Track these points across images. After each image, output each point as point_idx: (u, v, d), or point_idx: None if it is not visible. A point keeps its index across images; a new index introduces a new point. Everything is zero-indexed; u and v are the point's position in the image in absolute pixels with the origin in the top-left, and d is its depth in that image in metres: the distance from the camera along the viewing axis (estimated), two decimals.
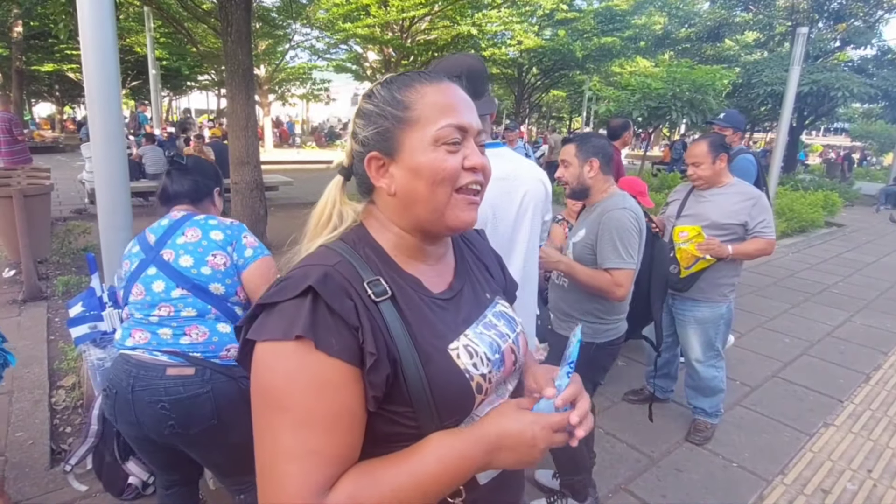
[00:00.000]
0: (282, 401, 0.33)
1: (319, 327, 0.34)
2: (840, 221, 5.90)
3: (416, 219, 0.40)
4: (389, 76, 0.42)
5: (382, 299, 0.37)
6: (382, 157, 0.40)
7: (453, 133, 0.38)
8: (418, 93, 0.39)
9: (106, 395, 0.82)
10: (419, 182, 0.39)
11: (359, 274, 0.37)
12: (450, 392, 0.37)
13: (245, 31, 3.01)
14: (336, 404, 0.34)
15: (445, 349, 0.38)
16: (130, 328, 0.83)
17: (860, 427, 1.68)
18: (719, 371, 1.54)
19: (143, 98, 11.86)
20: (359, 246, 0.40)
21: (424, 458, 0.34)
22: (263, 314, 0.36)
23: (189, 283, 0.81)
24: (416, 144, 0.39)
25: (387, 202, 0.41)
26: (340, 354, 0.34)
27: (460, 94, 0.41)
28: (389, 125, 0.39)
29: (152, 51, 7.07)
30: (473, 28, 8.95)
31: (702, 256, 1.37)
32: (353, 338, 0.35)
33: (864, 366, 2.16)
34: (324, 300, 0.35)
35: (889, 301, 3.10)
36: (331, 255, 0.38)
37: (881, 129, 12.89)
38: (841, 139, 19.98)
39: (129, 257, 0.87)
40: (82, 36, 1.29)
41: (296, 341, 0.33)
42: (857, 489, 1.35)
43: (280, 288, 0.36)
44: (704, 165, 1.41)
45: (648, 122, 5.95)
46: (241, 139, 3.15)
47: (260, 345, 0.35)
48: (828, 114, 9.45)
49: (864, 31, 7.56)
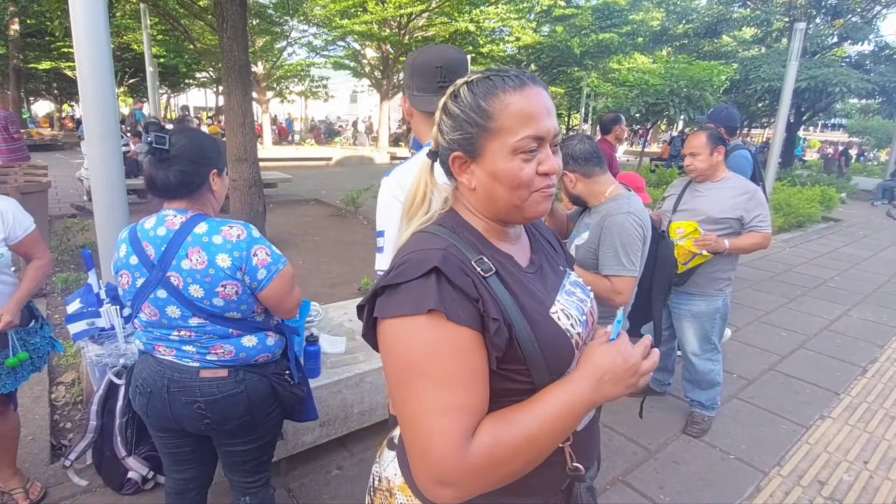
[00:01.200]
0: (422, 367, 0.38)
1: (447, 301, 0.39)
2: (837, 216, 5.94)
3: (497, 211, 0.46)
4: (475, 77, 0.44)
5: (490, 274, 0.42)
6: (465, 157, 0.45)
7: (530, 143, 0.42)
8: (502, 102, 0.42)
9: (139, 392, 0.81)
10: (497, 185, 0.44)
11: (465, 254, 0.43)
12: (557, 350, 0.44)
13: (241, 27, 3.00)
14: (470, 364, 0.39)
15: (548, 314, 0.45)
16: (153, 343, 0.80)
17: (856, 419, 1.69)
18: (716, 364, 1.55)
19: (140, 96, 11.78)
20: (458, 230, 0.46)
21: (548, 403, 0.40)
22: (387, 294, 0.41)
23: (205, 313, 0.76)
24: (496, 152, 0.43)
25: (468, 193, 0.47)
26: (468, 322, 0.39)
27: (541, 101, 0.43)
28: (473, 132, 0.43)
29: (149, 48, 7.00)
30: (471, 24, 8.93)
31: (699, 252, 1.37)
32: (475, 308, 0.40)
33: (860, 359, 2.18)
34: (447, 277, 0.39)
35: (885, 295, 3.12)
36: (439, 240, 0.43)
37: (878, 124, 12.92)
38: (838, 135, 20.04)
39: (128, 268, 0.76)
40: (75, 33, 1.28)
41: (428, 315, 0.38)
42: (854, 480, 1.37)
43: (401, 270, 0.40)
44: (702, 157, 1.41)
45: (646, 119, 5.95)
46: (238, 136, 3.14)
47: (390, 321, 0.40)
48: (825, 109, 9.48)
49: (862, 27, 7.57)
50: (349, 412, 1.36)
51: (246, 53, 3.07)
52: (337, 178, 7.15)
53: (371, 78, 11.35)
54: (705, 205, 1.44)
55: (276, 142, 12.59)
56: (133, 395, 0.84)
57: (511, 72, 0.44)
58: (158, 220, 0.77)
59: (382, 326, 0.41)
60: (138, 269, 0.76)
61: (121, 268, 0.78)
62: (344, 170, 8.85)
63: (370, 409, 1.39)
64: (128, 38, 9.49)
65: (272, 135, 12.22)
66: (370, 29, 9.16)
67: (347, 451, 1.40)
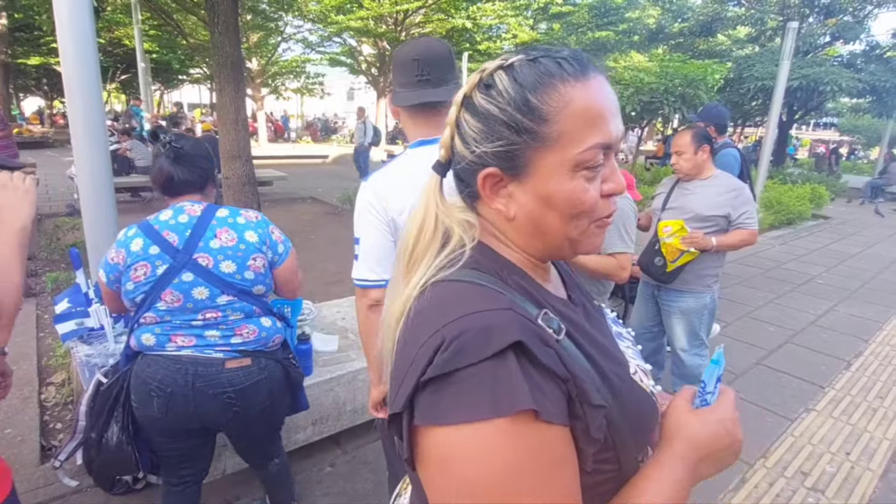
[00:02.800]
0: (506, 495, 0.26)
1: (536, 392, 0.26)
2: (827, 213, 6.03)
3: (543, 246, 0.33)
4: (515, 60, 0.31)
5: (562, 336, 0.30)
6: (502, 175, 0.32)
7: (597, 155, 0.30)
8: (562, 98, 0.30)
9: (156, 395, 0.80)
10: (550, 213, 0.31)
11: (527, 311, 0.30)
12: (645, 422, 0.33)
13: (232, 22, 2.96)
14: (569, 476, 0.28)
15: (630, 377, 0.34)
16: (168, 333, 0.80)
17: (840, 412, 1.73)
18: (703, 359, 1.58)
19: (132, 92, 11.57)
20: (504, 274, 0.32)
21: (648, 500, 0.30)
22: (434, 389, 0.27)
23: (235, 289, 0.80)
24: (551, 168, 0.30)
25: (502, 223, 0.33)
26: (561, 419, 0.27)
27: (609, 95, 0.31)
28: (519, 140, 0.30)
29: (140, 43, 6.88)
30: (468, 21, 8.88)
31: (686, 250, 1.40)
32: (563, 392, 0.28)
33: (845, 353, 2.22)
34: (530, 354, 0.27)
35: (871, 291, 3.18)
36: (493, 295, 0.29)
37: (868, 123, 13.12)
38: (830, 133, 20.30)
39: (147, 259, 0.77)
40: (59, 26, 1.25)
41: (512, 417, 0.26)
42: (836, 471, 1.40)
43: (456, 349, 0.26)
44: (686, 155, 1.43)
45: (641, 117, 5.98)
46: (231, 133, 3.11)
47: (450, 429, 0.26)
48: (817, 108, 9.55)
49: (854, 26, 7.63)
50: (342, 410, 1.36)
51: (238, 49, 3.03)
52: (333, 176, 7.11)
53: (368, 75, 11.27)
54: (693, 203, 1.46)
55: (271, 139, 12.46)
56: (142, 400, 0.81)
57: (564, 52, 0.31)
58: (176, 211, 0.82)
59: (431, 438, 0.27)
60: (160, 257, 0.78)
61: (135, 261, 0.78)
62: (340, 167, 8.75)
63: (363, 407, 1.39)
64: (119, 33, 9.30)
65: (267, 132, 12.10)
66: (366, 25, 9.06)
67: (340, 449, 1.41)
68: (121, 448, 0.84)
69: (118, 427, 0.85)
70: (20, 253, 0.59)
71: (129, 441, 0.84)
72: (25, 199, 0.62)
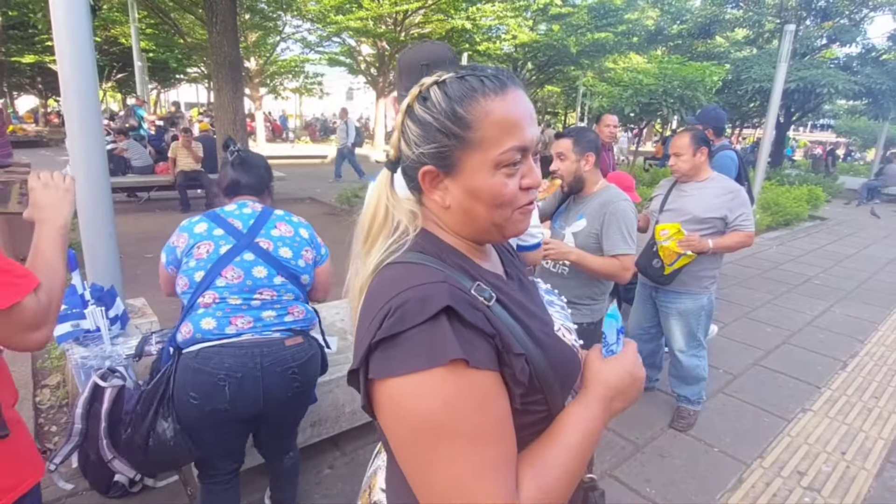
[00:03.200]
0: (447, 428, 0.32)
1: (465, 344, 0.33)
2: (823, 215, 6.08)
3: (474, 231, 0.40)
4: (446, 77, 0.37)
5: (492, 302, 0.37)
6: (438, 172, 0.38)
7: (515, 156, 0.37)
8: (483, 109, 0.36)
9: (227, 383, 0.82)
10: (477, 203, 0.38)
11: (462, 283, 0.37)
12: (568, 369, 0.41)
13: (231, 21, 2.98)
14: (498, 412, 0.35)
15: (554, 333, 0.41)
16: (228, 316, 0.85)
17: (836, 412, 1.75)
18: (701, 360, 1.59)
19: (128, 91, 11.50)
20: (443, 255, 0.39)
21: (570, 433, 0.37)
22: (384, 348, 0.33)
23: (288, 272, 0.90)
24: (476, 166, 0.37)
25: (440, 211, 0.40)
26: (489, 364, 0.34)
27: (524, 105, 0.38)
28: (449, 143, 0.37)
29: (137, 42, 6.84)
30: (468, 22, 8.87)
31: (683, 253, 1.41)
32: (490, 345, 0.35)
33: (841, 353, 2.24)
34: (459, 316, 0.34)
35: (867, 291, 3.21)
36: (431, 271, 0.36)
37: (865, 125, 13.25)
38: (827, 135, 20.49)
39: (211, 238, 0.87)
40: (55, 24, 1.24)
41: (446, 366, 0.32)
42: (832, 471, 1.42)
43: (400, 314, 0.33)
44: (685, 157, 1.44)
45: (640, 118, 6.01)
46: (228, 132, 3.15)
47: (398, 380, 0.33)
48: (814, 110, 9.65)
49: (850, 29, 7.69)
50: (340, 412, 1.36)
51: (236, 49, 3.06)
52: (332, 176, 7.06)
53: (367, 75, 11.23)
54: (690, 204, 1.47)
55: (269, 139, 12.42)
56: (208, 392, 0.82)
57: (488, 70, 0.38)
58: (240, 206, 0.94)
59: (384, 389, 0.33)
60: (223, 238, 0.88)
61: (199, 241, 0.88)
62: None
63: (361, 409, 1.38)
64: (115, 31, 9.24)
65: (265, 132, 12.05)
66: (365, 25, 9.04)
67: (339, 451, 1.41)
68: (178, 441, 0.85)
69: (170, 421, 0.85)
70: (63, 249, 0.63)
71: (184, 433, 0.85)
72: (66, 197, 0.64)
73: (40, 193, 0.63)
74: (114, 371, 1.18)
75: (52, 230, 0.61)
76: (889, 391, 1.91)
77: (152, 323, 1.60)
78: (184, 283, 0.87)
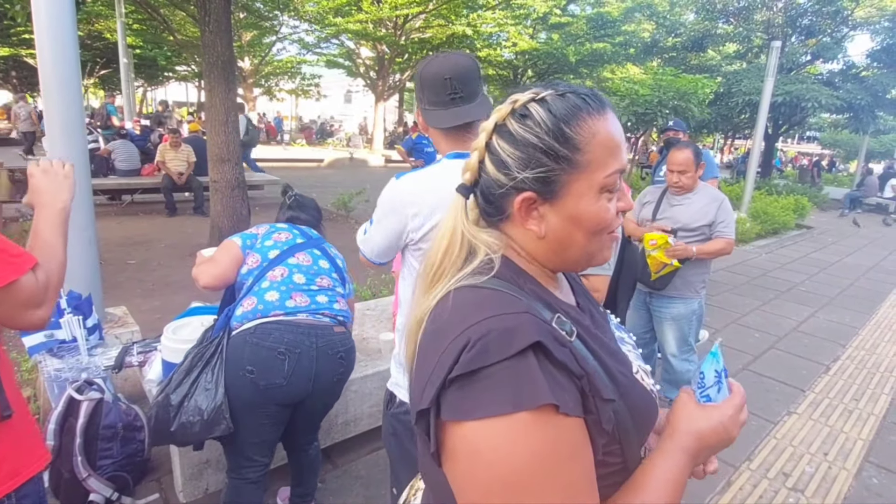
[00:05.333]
0: (535, 484, 0.28)
1: (555, 387, 0.29)
2: (809, 223, 6.28)
3: (565, 261, 0.37)
4: (546, 94, 0.34)
5: (573, 338, 0.33)
6: (536, 198, 0.35)
7: (617, 180, 0.35)
8: (590, 130, 0.34)
9: (287, 357, 0.86)
10: (577, 231, 0.35)
11: (542, 314, 0.33)
12: (646, 417, 0.37)
13: (225, 20, 2.82)
14: (587, 464, 0.31)
15: (633, 375, 0.37)
16: (290, 291, 0.94)
17: (819, 414, 1.82)
18: (692, 364, 1.65)
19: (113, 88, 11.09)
20: (521, 282, 0.35)
21: (653, 489, 0.34)
22: (460, 386, 0.29)
23: (340, 273, 1.07)
24: (582, 191, 0.34)
25: (530, 242, 0.36)
26: (577, 411, 0.30)
27: (620, 127, 0.36)
28: (556, 167, 0.34)
29: (123, 38, 6.52)
30: (468, 28, 8.93)
31: (669, 262, 1.48)
32: (577, 388, 0.31)
33: (824, 357, 2.33)
34: (548, 353, 0.30)
35: (849, 297, 3.34)
36: (513, 300, 0.32)
37: (847, 138, 13.76)
38: (813, 146, 21.19)
39: (290, 231, 1.03)
40: (36, 18, 1.17)
41: (534, 410, 0.28)
42: (814, 471, 1.47)
43: (480, 349, 0.29)
44: (689, 174, 1.50)
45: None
46: (220, 135, 2.99)
47: (477, 424, 0.28)
48: (800, 123, 9.98)
49: (832, 47, 7.99)
50: (333, 423, 1.32)
51: (230, 49, 2.89)
52: (328, 181, 6.97)
53: (366, 78, 11.17)
54: (682, 214, 1.55)
55: (263, 141, 12.22)
56: (267, 367, 0.84)
57: (582, 90, 0.35)
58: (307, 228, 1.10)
59: (458, 432, 0.29)
60: (299, 235, 1.04)
61: (280, 231, 1.03)
62: (336, 172, 8.68)
63: (355, 420, 1.36)
64: (100, 25, 8.89)
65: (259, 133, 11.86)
66: (365, 28, 9.03)
67: (331, 464, 1.37)
68: (215, 410, 0.83)
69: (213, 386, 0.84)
70: (62, 232, 0.64)
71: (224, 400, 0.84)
72: (65, 183, 0.66)
73: (39, 179, 0.64)
74: (91, 383, 1.13)
75: (52, 214, 0.62)
76: (868, 393, 2.00)
77: (133, 333, 1.53)
78: (254, 261, 0.96)
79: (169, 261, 3.09)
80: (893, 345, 2.55)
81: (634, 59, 10.53)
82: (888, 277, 3.97)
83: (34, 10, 1.18)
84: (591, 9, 10.51)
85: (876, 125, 8.98)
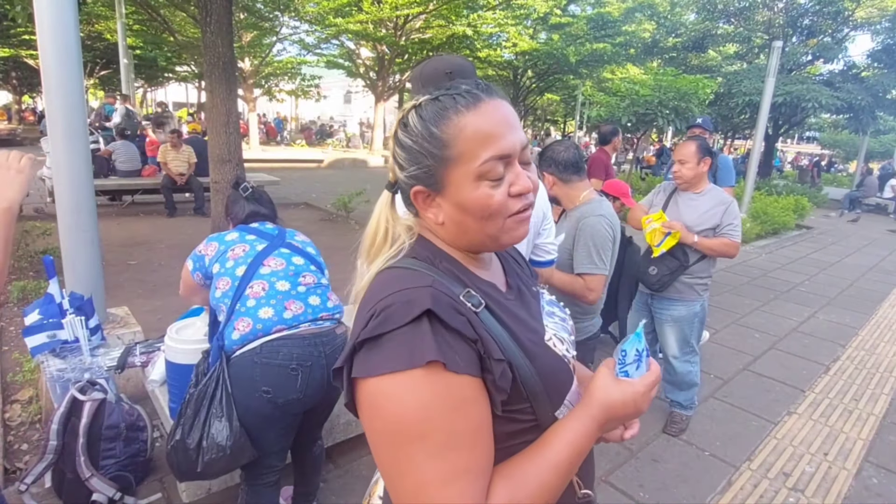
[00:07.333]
0: (419, 430, 0.33)
1: (444, 348, 0.33)
2: (809, 224, 6.29)
3: (470, 243, 0.41)
4: (422, 100, 0.39)
5: (480, 309, 0.37)
6: (428, 191, 0.39)
7: (496, 167, 0.37)
8: (456, 126, 0.37)
9: (299, 373, 0.86)
10: (467, 217, 0.39)
11: (450, 288, 0.37)
12: (557, 380, 0.40)
13: (226, 21, 2.82)
14: (475, 419, 0.34)
15: (544, 342, 0.41)
16: (282, 302, 0.89)
17: (819, 414, 1.82)
18: (694, 366, 1.65)
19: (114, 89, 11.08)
20: (436, 261, 0.40)
21: (555, 446, 0.37)
22: (367, 349, 0.35)
23: (318, 264, 1.01)
24: (460, 181, 0.38)
25: (436, 228, 0.41)
26: (468, 369, 0.34)
27: (500, 115, 0.38)
28: (431, 163, 0.38)
29: (123, 38, 6.52)
30: (469, 28, 8.92)
31: (668, 232, 1.47)
32: (473, 350, 0.35)
33: (824, 358, 2.34)
34: (441, 320, 0.34)
35: (848, 298, 3.34)
36: (419, 276, 0.37)
37: (847, 138, 13.76)
38: (812, 147, 21.17)
39: (244, 242, 0.95)
40: (39, 19, 1.16)
41: (424, 367, 0.33)
42: (815, 471, 1.48)
43: (384, 316, 0.34)
44: (689, 165, 1.49)
45: (637, 128, 6.15)
46: (221, 136, 2.99)
47: (377, 380, 0.34)
48: (800, 123, 9.99)
49: (832, 47, 7.99)
50: (334, 423, 1.32)
51: (231, 49, 2.89)
52: (328, 181, 6.96)
53: (366, 79, 11.15)
54: (687, 214, 1.54)
55: (263, 141, 12.15)
56: (281, 384, 0.83)
57: (462, 87, 0.38)
58: (261, 224, 1.03)
59: (364, 387, 0.34)
60: (258, 240, 0.96)
61: (231, 245, 0.95)
62: (336, 172, 8.65)
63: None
64: (100, 26, 8.89)
65: (259, 134, 11.89)
66: (365, 28, 9.03)
67: (332, 464, 1.37)
68: (236, 441, 0.84)
69: (225, 421, 0.84)
70: (4, 233, 0.56)
71: (243, 431, 0.85)
72: (16, 179, 0.58)
73: None
74: (94, 384, 1.13)
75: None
76: (868, 393, 2.00)
77: (135, 333, 1.54)
78: (225, 284, 0.89)
79: (170, 261, 3.10)
80: (893, 345, 2.55)
81: (635, 59, 10.53)
82: (888, 278, 3.97)
83: (37, 12, 1.18)
84: (592, 9, 10.50)
85: (876, 125, 9.00)
